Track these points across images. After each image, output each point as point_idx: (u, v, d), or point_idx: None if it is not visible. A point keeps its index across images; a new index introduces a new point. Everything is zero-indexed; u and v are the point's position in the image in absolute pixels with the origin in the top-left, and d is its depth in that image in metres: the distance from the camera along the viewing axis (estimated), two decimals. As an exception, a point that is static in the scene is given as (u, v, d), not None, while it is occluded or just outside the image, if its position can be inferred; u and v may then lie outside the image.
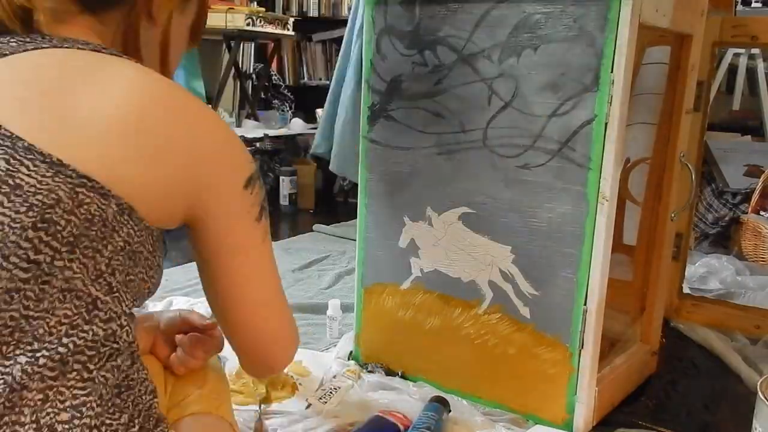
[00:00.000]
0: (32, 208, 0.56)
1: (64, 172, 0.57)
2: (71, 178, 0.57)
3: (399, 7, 1.30)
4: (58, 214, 0.56)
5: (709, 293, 2.01)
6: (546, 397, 1.24)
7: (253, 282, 0.73)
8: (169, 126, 0.63)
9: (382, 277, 1.42)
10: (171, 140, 0.63)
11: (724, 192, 2.57)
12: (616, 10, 1.08)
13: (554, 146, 1.16)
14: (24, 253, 0.55)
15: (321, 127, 2.65)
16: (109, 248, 0.59)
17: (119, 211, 0.59)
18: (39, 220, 0.56)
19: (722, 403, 1.42)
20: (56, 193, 0.56)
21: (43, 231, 0.56)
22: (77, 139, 0.59)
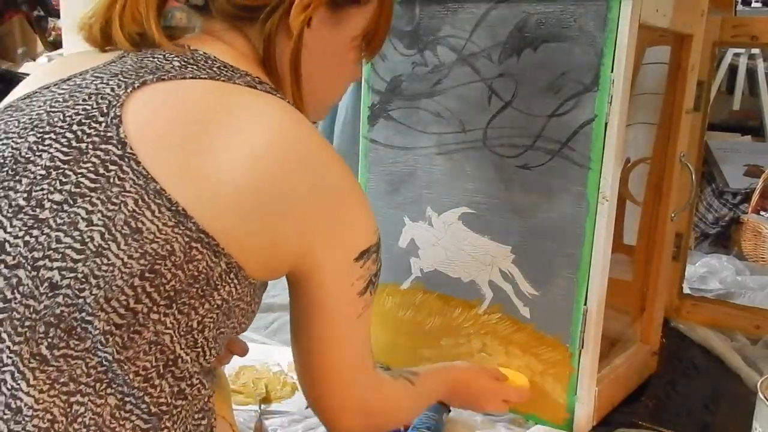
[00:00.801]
0: (145, 256, 0.55)
1: (185, 224, 0.56)
2: (190, 231, 0.56)
3: (399, 7, 1.30)
4: (167, 267, 0.55)
5: (709, 293, 2.01)
6: (546, 397, 1.24)
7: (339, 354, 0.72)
8: (295, 185, 0.61)
9: (382, 277, 1.40)
10: (293, 200, 0.61)
11: (724, 192, 2.57)
12: (616, 10, 1.07)
13: (554, 146, 1.16)
14: (125, 300, 0.55)
15: (321, 127, 2.65)
16: (206, 306, 0.58)
17: (227, 269, 0.58)
18: (148, 269, 0.55)
19: (722, 403, 1.42)
20: (171, 245, 0.55)
21: (149, 281, 0.55)
22: (205, 192, 0.57)
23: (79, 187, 0.55)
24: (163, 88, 0.61)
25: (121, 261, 0.54)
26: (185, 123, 0.60)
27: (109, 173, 0.56)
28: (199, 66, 0.64)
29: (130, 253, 0.55)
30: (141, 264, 0.55)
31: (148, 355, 0.56)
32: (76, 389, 0.54)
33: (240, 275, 0.60)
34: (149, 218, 0.55)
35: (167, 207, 0.56)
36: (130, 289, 0.54)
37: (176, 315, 0.57)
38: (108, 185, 0.55)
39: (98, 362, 0.54)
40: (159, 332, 0.56)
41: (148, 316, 0.55)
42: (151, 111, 0.60)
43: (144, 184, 0.56)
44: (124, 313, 0.55)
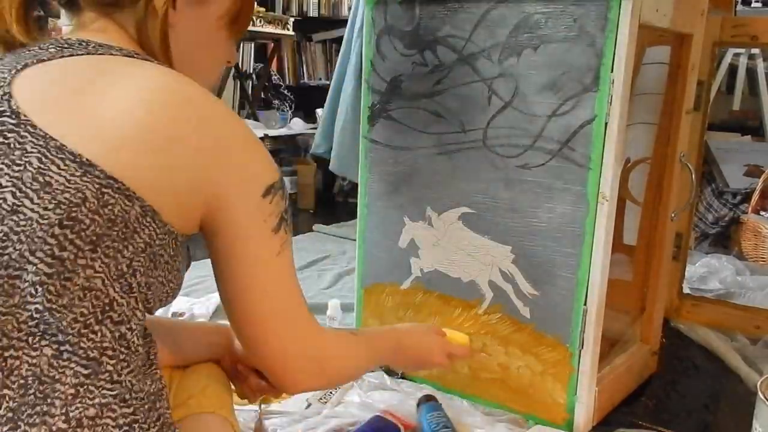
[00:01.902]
0: (60, 206, 0.57)
1: (92, 172, 0.58)
2: (99, 178, 0.58)
3: (399, 7, 1.30)
4: (84, 213, 0.58)
5: (709, 293, 2.01)
6: (546, 397, 1.24)
7: (262, 297, 0.71)
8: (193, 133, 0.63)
9: (382, 277, 1.42)
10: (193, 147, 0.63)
11: (724, 192, 2.57)
12: (616, 10, 1.08)
13: (554, 146, 1.16)
14: (50, 249, 0.57)
15: (321, 127, 2.65)
16: (130, 249, 0.60)
17: (142, 213, 0.60)
18: (66, 217, 0.57)
19: (722, 403, 1.42)
20: (83, 193, 0.58)
21: (69, 228, 0.57)
22: (106, 141, 0.60)
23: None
24: (44, 67, 0.65)
25: (37, 214, 0.57)
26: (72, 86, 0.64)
27: (8, 140, 0.59)
28: (74, 48, 0.67)
29: (45, 205, 0.57)
30: (57, 213, 0.57)
31: (84, 301, 0.58)
32: (9, 344, 0.56)
33: (157, 219, 0.62)
34: (56, 171, 0.58)
35: (71, 159, 0.58)
36: (52, 238, 0.57)
37: (103, 259, 0.59)
38: (9, 150, 0.59)
39: (29, 316, 0.56)
40: (90, 277, 0.58)
41: (75, 261, 0.57)
42: (38, 83, 0.64)
43: (44, 144, 0.59)
44: (51, 262, 0.57)
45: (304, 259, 2.32)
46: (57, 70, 0.65)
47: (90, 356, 0.58)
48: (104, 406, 0.59)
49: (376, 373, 1.40)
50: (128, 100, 0.62)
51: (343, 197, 3.62)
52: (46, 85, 0.64)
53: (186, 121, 0.64)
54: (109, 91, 0.62)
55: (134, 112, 0.61)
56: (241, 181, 0.67)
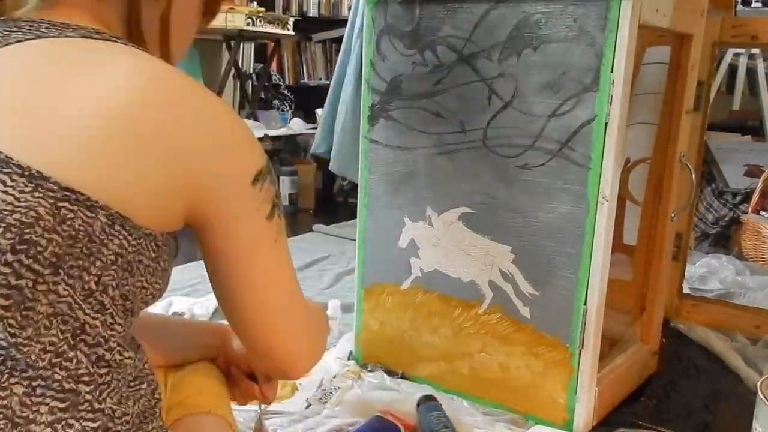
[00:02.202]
0: (9, 229, 0.51)
1: (44, 185, 0.52)
2: (52, 191, 0.52)
3: (399, 7, 1.30)
4: (38, 234, 0.51)
5: (709, 293, 2.01)
6: (546, 397, 1.24)
7: (264, 287, 0.68)
8: (166, 122, 0.57)
9: (382, 277, 1.42)
10: (168, 137, 0.57)
11: (724, 192, 2.57)
12: (616, 10, 1.08)
13: (554, 146, 1.16)
14: (4, 279, 0.51)
15: (321, 127, 2.65)
16: (98, 264, 0.55)
17: (108, 222, 0.54)
18: (18, 241, 0.51)
19: (722, 403, 1.42)
20: (35, 210, 0.51)
21: (23, 254, 0.51)
22: (63, 146, 0.53)
23: None
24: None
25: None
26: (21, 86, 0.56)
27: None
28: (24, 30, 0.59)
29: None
30: (7, 238, 0.51)
31: (51, 329, 0.53)
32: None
33: (128, 226, 0.56)
34: (2, 190, 0.51)
35: (19, 174, 0.51)
36: (5, 266, 0.51)
37: (67, 281, 0.53)
38: None
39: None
40: (53, 302, 0.52)
41: (35, 288, 0.52)
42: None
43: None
44: (8, 293, 0.51)
45: (304, 259, 2.32)
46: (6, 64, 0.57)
47: (66, 387, 0.53)
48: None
49: (376, 373, 1.40)
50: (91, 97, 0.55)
51: (343, 197, 3.62)
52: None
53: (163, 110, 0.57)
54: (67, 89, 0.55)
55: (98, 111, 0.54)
56: (227, 172, 0.61)
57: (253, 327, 0.70)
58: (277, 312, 0.70)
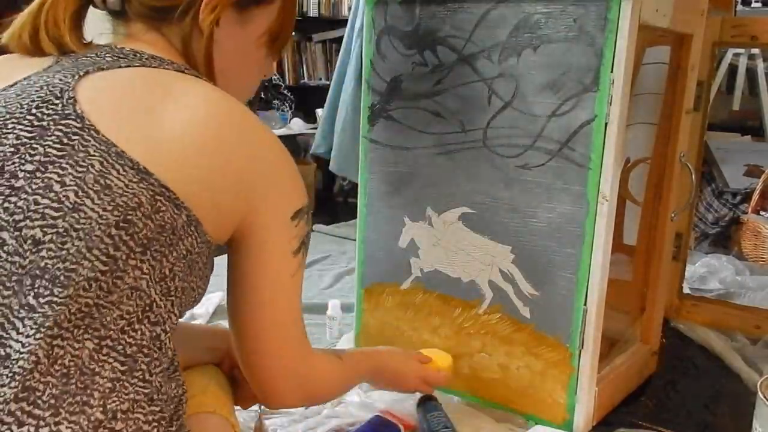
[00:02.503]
0: (117, 208, 0.61)
1: (148, 179, 0.63)
2: (153, 186, 0.63)
3: (399, 7, 1.30)
4: (138, 217, 0.62)
5: (709, 293, 2.01)
6: (546, 397, 1.24)
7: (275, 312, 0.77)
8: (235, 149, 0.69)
9: (382, 277, 1.42)
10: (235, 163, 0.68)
11: (724, 192, 2.57)
12: (616, 10, 1.08)
13: (554, 146, 1.16)
14: (105, 248, 0.60)
15: (321, 127, 2.65)
16: (174, 254, 0.65)
17: (188, 222, 0.65)
18: (122, 219, 0.61)
19: (722, 403, 1.42)
20: (139, 198, 0.62)
21: (124, 230, 0.61)
22: (162, 154, 0.65)
23: (48, 156, 0.62)
24: (104, 75, 0.69)
25: (97, 214, 0.60)
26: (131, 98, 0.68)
27: (73, 142, 0.63)
28: (129, 58, 0.72)
29: (104, 206, 0.61)
30: (115, 215, 0.61)
31: (130, 300, 0.61)
32: (58, 333, 0.58)
33: (199, 230, 0.66)
34: (116, 176, 0.62)
35: (130, 166, 0.63)
36: (108, 238, 0.60)
37: (150, 261, 0.63)
38: (74, 152, 0.62)
39: (78, 308, 0.59)
40: (137, 278, 0.62)
41: (127, 262, 0.61)
42: (99, 91, 0.68)
43: (106, 149, 0.63)
44: (106, 260, 0.60)
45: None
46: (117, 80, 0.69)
47: (127, 353, 0.61)
48: (136, 403, 0.61)
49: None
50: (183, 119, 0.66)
51: (343, 197, 3.62)
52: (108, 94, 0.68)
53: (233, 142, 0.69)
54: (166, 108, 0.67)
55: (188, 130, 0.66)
56: (276, 202, 0.72)
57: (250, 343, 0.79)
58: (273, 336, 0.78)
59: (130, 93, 0.68)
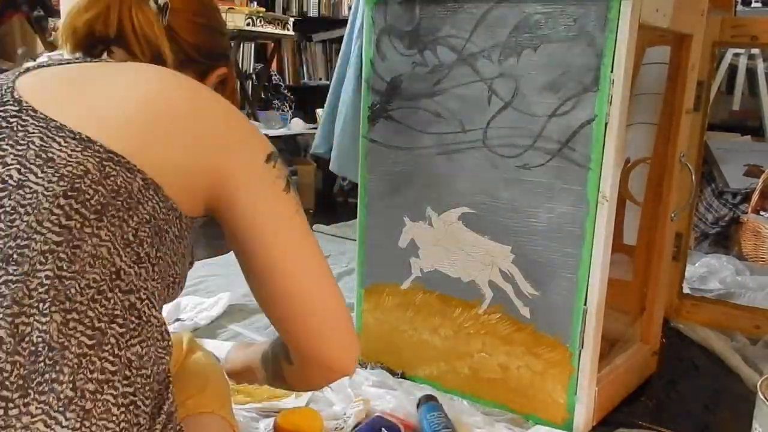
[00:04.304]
0: (63, 178, 0.60)
1: (92, 147, 0.62)
2: (99, 152, 0.62)
3: (399, 7, 1.30)
4: (87, 184, 0.61)
5: (709, 293, 2.01)
6: (546, 397, 1.24)
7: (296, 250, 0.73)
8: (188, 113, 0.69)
9: (382, 277, 1.42)
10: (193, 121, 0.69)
11: (724, 192, 2.57)
12: (616, 10, 1.08)
13: (554, 146, 1.16)
14: (56, 219, 0.59)
15: (321, 127, 2.64)
16: (135, 219, 0.63)
17: (144, 185, 0.64)
18: (69, 188, 0.60)
19: (722, 403, 1.42)
20: (84, 165, 0.61)
21: (73, 199, 0.60)
22: (104, 122, 0.64)
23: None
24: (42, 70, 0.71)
25: (42, 187, 0.60)
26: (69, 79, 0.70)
27: (11, 124, 0.63)
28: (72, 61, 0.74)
29: (48, 178, 0.60)
30: (61, 185, 0.60)
31: (95, 268, 0.60)
32: (20, 311, 0.56)
33: (159, 194, 0.65)
34: (57, 149, 0.62)
35: (71, 137, 0.62)
36: (57, 208, 0.59)
37: (109, 227, 0.61)
38: (12, 132, 0.63)
39: (39, 283, 0.57)
40: (96, 245, 0.60)
41: (82, 230, 0.60)
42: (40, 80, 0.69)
43: (45, 125, 0.63)
44: (59, 231, 0.59)
45: (304, 259, 2.32)
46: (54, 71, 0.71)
47: (95, 325, 0.59)
48: (105, 383, 0.59)
49: (376, 372, 1.40)
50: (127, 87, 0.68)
51: (343, 197, 3.62)
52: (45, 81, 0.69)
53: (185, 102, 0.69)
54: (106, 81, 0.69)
55: (133, 96, 0.67)
56: (243, 152, 0.71)
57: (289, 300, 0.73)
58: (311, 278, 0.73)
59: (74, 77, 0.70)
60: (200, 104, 0.71)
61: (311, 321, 0.74)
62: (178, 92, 0.70)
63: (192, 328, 1.66)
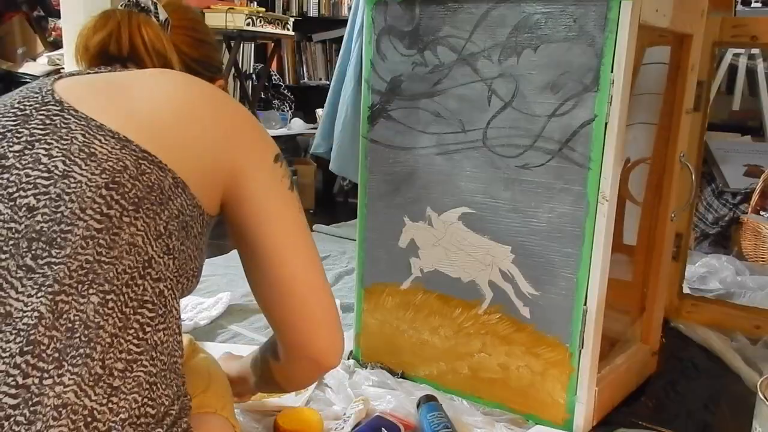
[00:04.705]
0: (105, 172, 0.66)
1: (130, 146, 0.68)
2: (135, 152, 0.68)
3: (399, 7, 1.30)
4: (125, 178, 0.66)
5: (709, 293, 2.01)
6: (546, 397, 1.24)
7: (295, 242, 0.79)
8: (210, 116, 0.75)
9: (382, 277, 1.42)
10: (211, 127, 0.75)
11: (724, 192, 2.57)
12: (616, 10, 1.08)
13: (554, 146, 1.16)
14: (98, 207, 0.64)
15: (321, 127, 2.65)
16: (166, 213, 0.68)
17: (174, 183, 0.69)
18: (110, 181, 0.65)
19: (722, 403, 1.42)
20: (123, 162, 0.67)
21: (114, 190, 0.65)
22: (139, 124, 0.70)
23: (34, 136, 0.68)
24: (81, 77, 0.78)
25: (86, 178, 0.65)
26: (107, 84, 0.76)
27: (55, 121, 0.69)
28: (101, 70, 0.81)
29: (92, 171, 0.65)
30: (103, 178, 0.65)
31: (130, 255, 0.65)
32: (60, 289, 0.61)
33: (187, 191, 0.71)
34: (99, 145, 0.67)
35: (111, 135, 0.68)
36: (100, 198, 0.65)
37: (144, 219, 0.66)
38: (56, 129, 0.68)
39: (79, 265, 0.62)
40: (133, 234, 0.65)
41: (121, 219, 0.65)
42: (77, 83, 0.75)
43: (86, 123, 0.68)
44: (100, 218, 0.64)
45: (304, 259, 2.32)
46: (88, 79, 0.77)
47: (125, 309, 0.64)
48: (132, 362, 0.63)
49: (376, 372, 1.40)
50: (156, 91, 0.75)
51: (343, 197, 3.62)
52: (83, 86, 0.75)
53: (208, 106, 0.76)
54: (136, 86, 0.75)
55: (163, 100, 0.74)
56: (255, 151, 0.78)
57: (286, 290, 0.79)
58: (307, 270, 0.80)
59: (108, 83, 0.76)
60: (220, 107, 0.77)
61: (303, 310, 0.80)
62: (201, 97, 0.77)
63: (192, 328, 1.66)
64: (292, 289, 0.79)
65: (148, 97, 0.74)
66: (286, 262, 0.78)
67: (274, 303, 0.80)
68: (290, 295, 0.79)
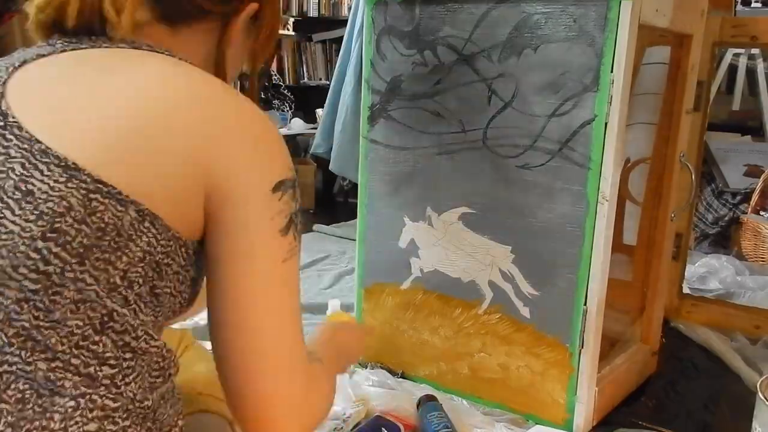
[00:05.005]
0: (42, 217, 0.53)
1: (78, 176, 0.54)
2: (85, 183, 0.54)
3: (399, 7, 1.30)
4: (68, 223, 0.54)
5: (709, 293, 2.01)
6: (546, 397, 1.24)
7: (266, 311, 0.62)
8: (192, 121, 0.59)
9: (382, 277, 1.42)
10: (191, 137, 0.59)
11: (724, 192, 2.57)
12: (616, 10, 1.08)
13: (554, 146, 1.16)
14: (33, 264, 0.53)
15: (321, 127, 2.65)
16: (124, 260, 0.56)
17: (138, 218, 0.56)
18: (49, 229, 0.53)
19: (722, 403, 1.42)
20: (68, 201, 0.54)
21: (53, 241, 0.53)
22: (96, 141, 0.56)
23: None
24: (41, 63, 0.62)
25: (19, 227, 0.53)
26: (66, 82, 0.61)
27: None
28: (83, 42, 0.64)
29: (26, 216, 0.53)
30: (39, 225, 0.53)
31: (78, 314, 0.54)
32: (2, 359, 0.52)
33: (157, 224, 0.57)
34: (39, 178, 0.54)
35: (56, 164, 0.55)
36: (34, 252, 0.53)
37: (92, 272, 0.54)
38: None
39: (15, 332, 0.53)
40: (81, 290, 0.54)
41: (63, 275, 0.54)
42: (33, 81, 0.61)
43: (29, 147, 0.55)
44: (36, 278, 0.53)
45: (304, 259, 2.32)
46: (54, 66, 0.62)
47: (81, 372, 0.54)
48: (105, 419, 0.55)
49: (376, 372, 1.40)
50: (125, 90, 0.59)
51: (343, 197, 3.62)
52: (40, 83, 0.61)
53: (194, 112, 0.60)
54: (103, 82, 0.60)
55: (131, 104, 0.58)
56: (249, 175, 0.61)
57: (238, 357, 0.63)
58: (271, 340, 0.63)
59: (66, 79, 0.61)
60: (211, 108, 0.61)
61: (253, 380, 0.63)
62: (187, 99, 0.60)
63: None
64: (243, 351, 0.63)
65: (117, 95, 0.59)
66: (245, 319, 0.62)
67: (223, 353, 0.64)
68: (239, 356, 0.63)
